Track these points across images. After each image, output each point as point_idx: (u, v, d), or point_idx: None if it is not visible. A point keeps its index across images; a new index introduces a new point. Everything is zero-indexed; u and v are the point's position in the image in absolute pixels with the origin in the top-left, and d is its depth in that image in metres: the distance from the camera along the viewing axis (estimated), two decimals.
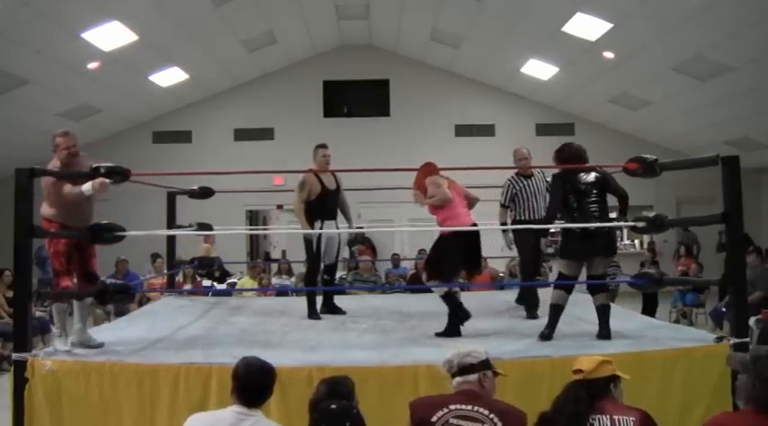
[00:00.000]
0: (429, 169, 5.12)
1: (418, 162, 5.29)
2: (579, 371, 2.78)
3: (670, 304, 9.97)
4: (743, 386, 2.66)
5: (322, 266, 5.84)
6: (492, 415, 2.56)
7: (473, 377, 2.70)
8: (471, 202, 5.23)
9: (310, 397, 2.76)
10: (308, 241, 5.70)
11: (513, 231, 5.71)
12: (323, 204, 5.66)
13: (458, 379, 2.70)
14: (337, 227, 5.84)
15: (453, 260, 4.86)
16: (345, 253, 9.53)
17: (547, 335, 4.52)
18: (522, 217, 5.71)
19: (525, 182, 5.73)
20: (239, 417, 2.55)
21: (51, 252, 4.38)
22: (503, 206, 5.80)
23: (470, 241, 4.90)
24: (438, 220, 5.00)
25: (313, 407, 2.63)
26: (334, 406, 2.56)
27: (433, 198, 4.95)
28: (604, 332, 4.48)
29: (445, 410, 2.57)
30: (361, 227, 8.97)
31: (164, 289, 8.37)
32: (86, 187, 4.19)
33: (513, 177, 5.79)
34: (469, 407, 2.58)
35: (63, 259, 4.36)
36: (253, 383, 2.62)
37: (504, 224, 5.82)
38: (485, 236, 5.16)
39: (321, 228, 5.63)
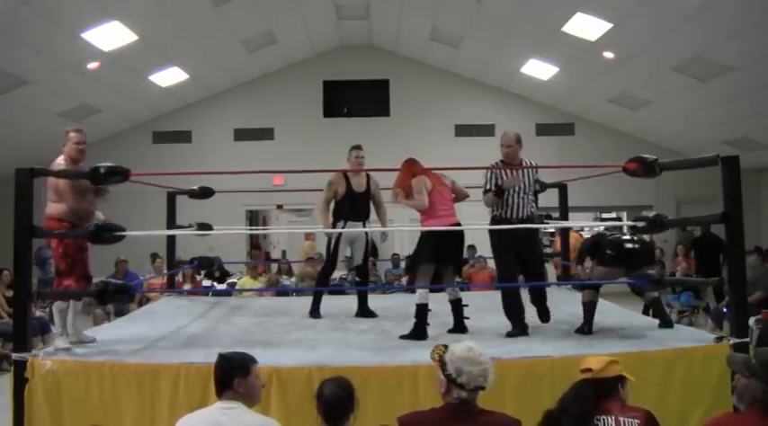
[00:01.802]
0: (413, 169, 5.09)
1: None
2: (588, 370, 2.77)
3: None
4: (746, 389, 2.63)
5: (336, 268, 5.90)
6: None
7: (478, 394, 2.52)
8: (459, 197, 5.21)
9: (315, 395, 2.77)
10: (328, 240, 5.79)
11: (491, 233, 5.04)
12: (348, 205, 5.70)
13: (462, 395, 2.46)
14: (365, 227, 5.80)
15: (428, 259, 4.87)
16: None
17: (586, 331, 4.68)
18: (501, 215, 4.96)
19: (509, 174, 4.94)
20: (222, 412, 2.66)
21: (60, 252, 4.39)
22: (487, 191, 4.98)
23: (448, 241, 4.87)
24: (420, 219, 5.06)
25: (325, 413, 2.66)
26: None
27: (410, 202, 4.99)
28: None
29: None
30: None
31: (164, 289, 8.37)
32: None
33: (497, 164, 5.04)
34: None
35: (70, 260, 4.40)
36: (221, 375, 2.76)
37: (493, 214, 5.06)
38: (484, 236, 5.16)
39: (343, 228, 5.67)
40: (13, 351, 4.00)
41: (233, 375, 2.75)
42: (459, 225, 5.00)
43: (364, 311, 5.79)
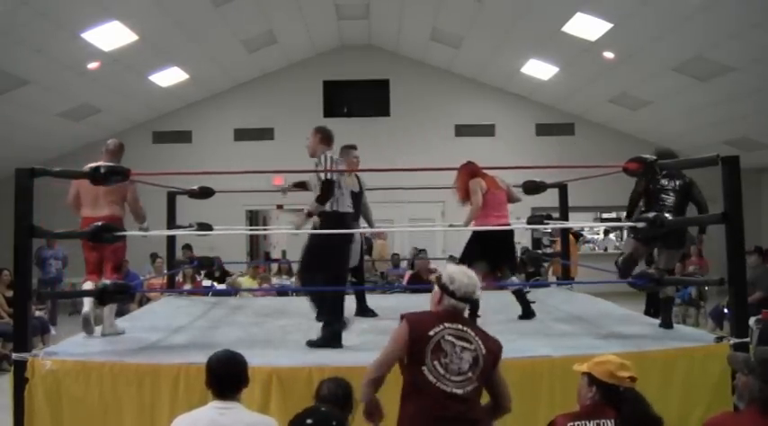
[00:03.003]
0: (471, 169, 5.37)
1: (418, 162, 5.34)
2: (635, 378, 2.73)
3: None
4: (745, 388, 2.64)
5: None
6: (477, 338, 2.72)
7: (466, 306, 2.80)
8: (512, 201, 5.55)
9: (313, 395, 2.78)
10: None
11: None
12: None
13: (452, 302, 2.76)
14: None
15: (476, 258, 5.15)
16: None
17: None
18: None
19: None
20: (219, 411, 2.64)
21: (119, 251, 4.91)
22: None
23: (495, 243, 5.21)
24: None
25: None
26: (309, 421, 2.60)
27: (470, 205, 5.30)
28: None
29: (441, 326, 2.69)
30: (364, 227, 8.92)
31: (164, 289, 8.37)
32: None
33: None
34: (459, 326, 2.72)
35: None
36: (224, 373, 2.73)
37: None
38: None
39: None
40: (13, 351, 4.00)
41: (245, 375, 2.75)
42: (508, 226, 5.42)
43: (364, 310, 5.78)
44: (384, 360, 2.75)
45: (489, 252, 5.21)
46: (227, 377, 2.72)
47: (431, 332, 2.65)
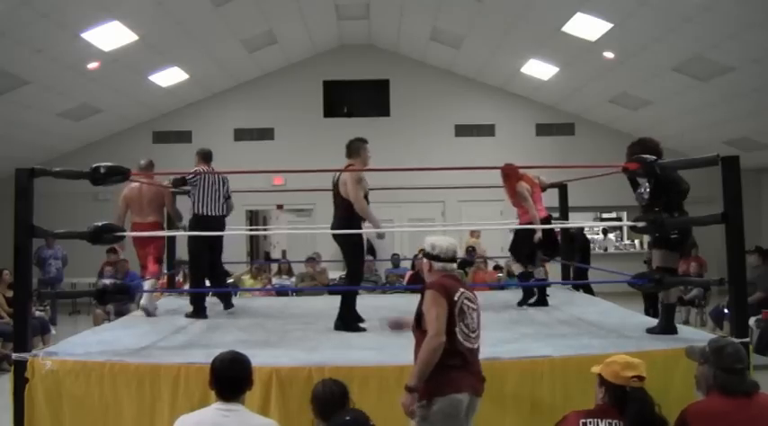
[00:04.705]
0: (514, 172, 6.01)
1: (418, 162, 5.31)
2: (642, 378, 2.75)
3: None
4: (702, 377, 2.75)
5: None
6: (475, 298, 3.16)
7: (455, 265, 3.24)
8: (544, 188, 6.41)
9: (311, 394, 2.78)
10: (358, 242, 5.23)
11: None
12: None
13: (440, 264, 3.14)
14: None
15: (524, 248, 6.10)
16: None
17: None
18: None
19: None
20: (223, 414, 2.62)
21: (162, 243, 6.22)
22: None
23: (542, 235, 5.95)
24: (519, 214, 6.27)
25: (321, 411, 2.72)
26: (348, 418, 2.62)
27: (526, 210, 6.01)
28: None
29: (459, 292, 3.05)
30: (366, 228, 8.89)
31: (164, 289, 8.36)
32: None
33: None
34: (466, 291, 3.11)
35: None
36: (228, 375, 2.70)
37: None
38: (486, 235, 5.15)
39: (362, 229, 5.25)
40: (13, 351, 4.00)
41: (249, 378, 2.73)
42: (550, 218, 6.29)
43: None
44: (442, 326, 2.92)
45: (535, 245, 5.99)
46: (231, 378, 2.69)
47: (455, 298, 3.00)
